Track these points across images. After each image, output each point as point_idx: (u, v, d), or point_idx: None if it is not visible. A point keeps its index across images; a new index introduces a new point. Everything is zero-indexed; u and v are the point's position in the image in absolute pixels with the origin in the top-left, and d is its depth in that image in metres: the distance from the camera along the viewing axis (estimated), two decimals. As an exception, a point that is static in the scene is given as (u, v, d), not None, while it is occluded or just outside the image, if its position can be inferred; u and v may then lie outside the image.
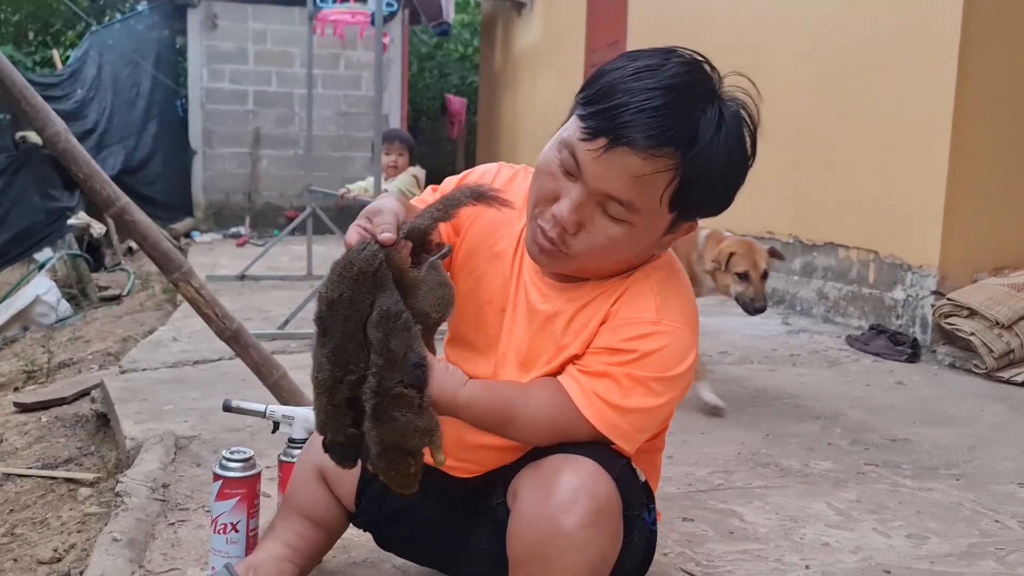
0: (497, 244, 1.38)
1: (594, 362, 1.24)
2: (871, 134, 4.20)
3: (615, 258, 1.26)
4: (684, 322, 1.27)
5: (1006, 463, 2.37)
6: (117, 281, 6.45)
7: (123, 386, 2.89)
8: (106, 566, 1.50)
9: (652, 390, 1.24)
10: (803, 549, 1.77)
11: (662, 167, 1.16)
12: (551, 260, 1.27)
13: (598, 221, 1.21)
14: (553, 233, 1.23)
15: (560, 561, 1.19)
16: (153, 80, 9.55)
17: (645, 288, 1.28)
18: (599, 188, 1.18)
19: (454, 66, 13.66)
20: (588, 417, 1.22)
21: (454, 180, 1.46)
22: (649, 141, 1.14)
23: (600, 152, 1.16)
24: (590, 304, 1.29)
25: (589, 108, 1.19)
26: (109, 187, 2.23)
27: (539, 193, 1.25)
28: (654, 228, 1.24)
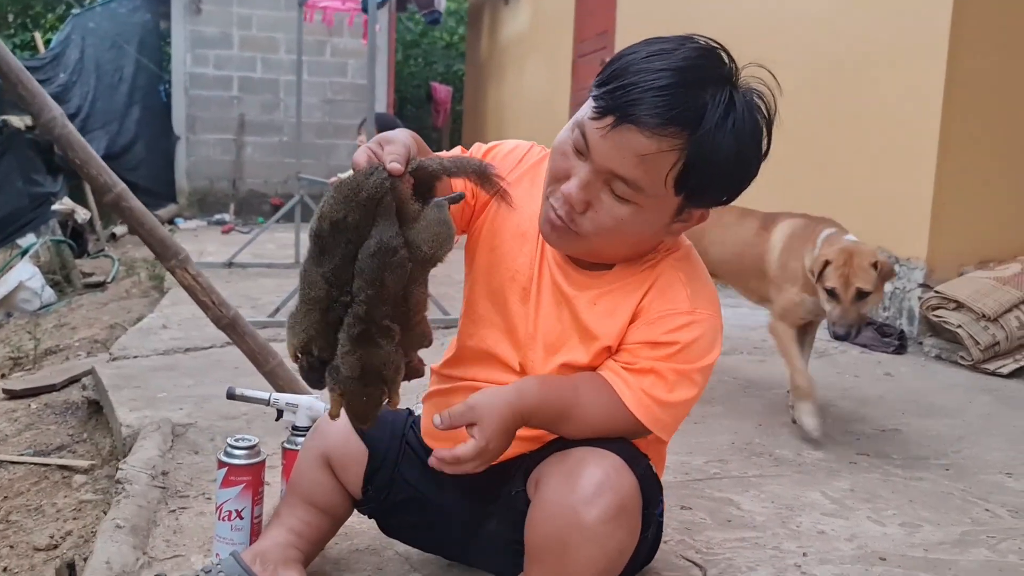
0: (524, 223, 1.37)
1: (638, 358, 1.26)
2: (861, 129, 4.23)
3: (623, 240, 1.27)
4: (715, 310, 1.31)
5: (994, 453, 2.41)
6: (101, 267, 6.39)
7: (115, 373, 2.87)
8: (111, 552, 1.50)
9: (694, 381, 1.27)
10: (800, 537, 1.79)
11: (667, 147, 1.16)
12: (561, 239, 1.28)
13: (605, 201, 1.22)
14: (562, 211, 1.24)
15: (579, 552, 1.20)
16: (136, 64, 9.45)
17: (674, 279, 1.30)
18: (605, 166, 1.20)
19: (440, 54, 13.62)
20: (638, 416, 1.24)
21: (483, 148, 1.44)
22: (654, 119, 1.15)
23: (607, 130, 1.18)
24: (615, 291, 1.30)
25: (601, 88, 1.20)
26: (106, 173, 2.21)
27: (552, 172, 1.27)
28: (661, 211, 1.24)
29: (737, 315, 4.40)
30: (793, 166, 4.75)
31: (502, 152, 1.43)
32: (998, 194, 3.82)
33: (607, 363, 1.29)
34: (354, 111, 9.87)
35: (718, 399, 2.84)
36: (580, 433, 1.26)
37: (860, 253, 2.36)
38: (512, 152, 1.43)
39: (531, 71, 8.94)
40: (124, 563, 1.50)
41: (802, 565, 1.65)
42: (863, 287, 2.33)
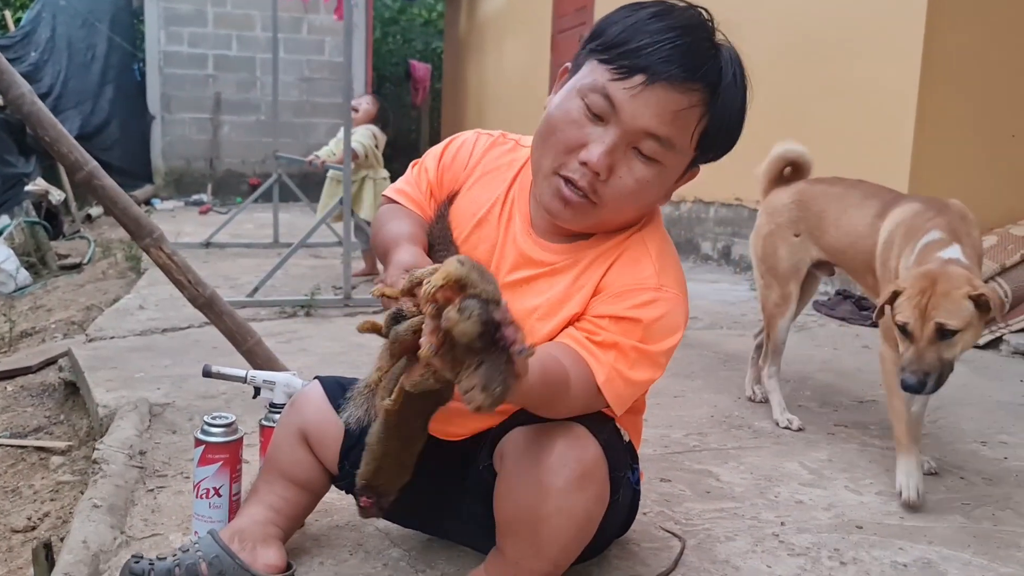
0: (480, 210, 1.38)
1: (601, 331, 1.24)
2: (839, 104, 4.24)
3: (639, 205, 1.28)
4: (680, 288, 1.29)
5: (969, 423, 2.44)
6: (77, 249, 6.32)
7: (91, 354, 2.85)
8: (88, 532, 1.49)
9: (655, 362, 1.26)
10: (778, 507, 1.81)
11: (697, 101, 1.20)
12: (576, 214, 1.26)
13: (629, 164, 1.22)
14: (584, 182, 1.23)
15: (548, 522, 1.21)
16: (109, 43, 9.30)
17: (642, 253, 1.29)
18: (638, 126, 1.19)
19: (418, 31, 13.50)
20: (603, 387, 1.22)
21: (435, 152, 1.47)
22: (686, 74, 1.18)
23: (639, 88, 1.18)
24: (592, 265, 1.30)
25: (615, 51, 1.20)
26: (76, 151, 2.18)
27: (560, 144, 1.24)
28: (677, 170, 1.27)
29: (717, 290, 4.43)
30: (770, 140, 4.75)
31: (451, 154, 1.45)
32: (975, 168, 3.85)
33: (569, 332, 1.26)
34: (331, 89, 9.80)
35: (698, 373, 2.85)
36: (559, 414, 1.22)
37: (949, 278, 1.77)
38: (461, 150, 1.45)
39: (510, 48, 8.88)
40: (101, 542, 1.49)
41: (780, 534, 1.67)
42: (947, 323, 1.73)
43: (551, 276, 1.31)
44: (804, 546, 1.62)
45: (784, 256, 2.44)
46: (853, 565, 1.56)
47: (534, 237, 1.34)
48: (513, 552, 1.25)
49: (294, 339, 3.21)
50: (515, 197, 1.38)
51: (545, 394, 1.16)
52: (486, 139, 1.45)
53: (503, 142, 1.46)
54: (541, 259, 1.33)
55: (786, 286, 2.44)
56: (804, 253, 2.41)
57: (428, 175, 1.45)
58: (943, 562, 1.58)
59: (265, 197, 6.18)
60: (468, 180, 1.42)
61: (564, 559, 1.26)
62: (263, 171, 9.19)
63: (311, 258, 5.28)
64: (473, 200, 1.40)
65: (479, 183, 1.41)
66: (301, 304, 3.75)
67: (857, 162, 4.12)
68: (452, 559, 1.50)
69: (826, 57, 4.32)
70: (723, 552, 1.58)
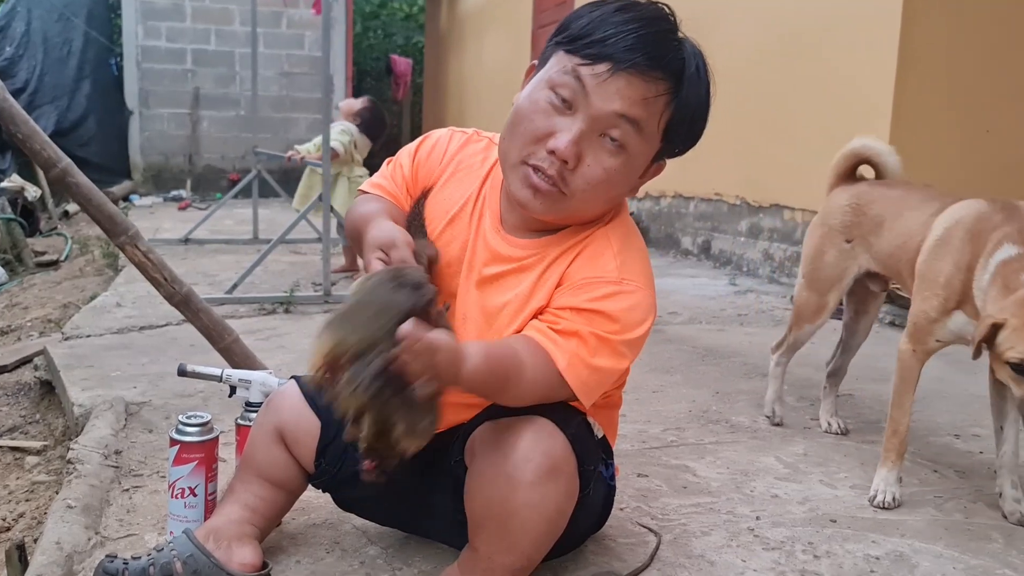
0: (452, 208, 1.39)
1: (561, 321, 1.25)
2: (816, 99, 4.27)
3: (605, 195, 1.28)
4: (645, 282, 1.29)
5: (944, 416, 2.46)
6: (54, 246, 6.26)
7: (67, 353, 2.83)
8: (62, 533, 1.48)
9: (618, 351, 1.26)
10: (754, 501, 1.82)
11: (663, 90, 1.23)
12: (546, 203, 1.27)
13: (597, 152, 1.24)
14: (553, 170, 1.24)
15: (517, 516, 1.22)
16: (85, 37, 9.21)
17: (605, 247, 1.30)
18: (609, 109, 1.21)
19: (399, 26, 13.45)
20: (568, 378, 1.23)
21: (409, 149, 1.48)
22: (651, 63, 1.21)
23: (606, 75, 1.20)
24: (557, 260, 1.31)
25: (581, 41, 1.22)
26: (50, 148, 2.15)
27: (528, 134, 1.25)
28: (643, 160, 1.28)
29: (696, 285, 4.45)
30: (747, 136, 4.78)
31: (425, 154, 1.46)
32: (950, 163, 3.88)
33: (531, 324, 1.27)
34: (311, 84, 9.75)
35: (676, 368, 2.87)
36: (522, 401, 1.24)
37: None
38: (435, 148, 1.46)
39: (491, 42, 8.87)
40: (75, 543, 1.48)
41: (755, 528, 1.68)
42: None
43: (519, 273, 1.32)
44: (779, 540, 1.64)
45: (831, 262, 2.22)
46: (827, 558, 1.57)
47: (502, 234, 1.35)
48: (485, 547, 1.25)
49: (273, 336, 3.19)
50: (487, 195, 1.39)
51: (494, 383, 1.18)
52: (460, 136, 1.46)
53: (476, 139, 1.46)
54: (509, 255, 1.33)
55: (826, 295, 2.24)
56: (852, 261, 2.18)
57: (403, 171, 1.46)
58: (915, 555, 1.60)
59: (245, 193, 6.15)
60: (441, 177, 1.43)
61: (536, 553, 1.27)
62: (243, 167, 9.13)
63: (291, 254, 5.26)
64: (446, 197, 1.41)
65: (452, 180, 1.41)
66: (280, 301, 3.74)
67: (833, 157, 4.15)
68: (429, 557, 1.50)
69: (803, 53, 4.35)
70: (699, 547, 1.60)
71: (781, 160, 4.55)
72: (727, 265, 4.99)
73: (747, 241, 4.85)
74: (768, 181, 4.68)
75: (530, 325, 1.27)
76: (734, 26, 4.78)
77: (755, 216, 4.78)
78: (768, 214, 4.67)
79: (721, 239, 5.08)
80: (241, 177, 7.12)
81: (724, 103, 4.66)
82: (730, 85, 4.69)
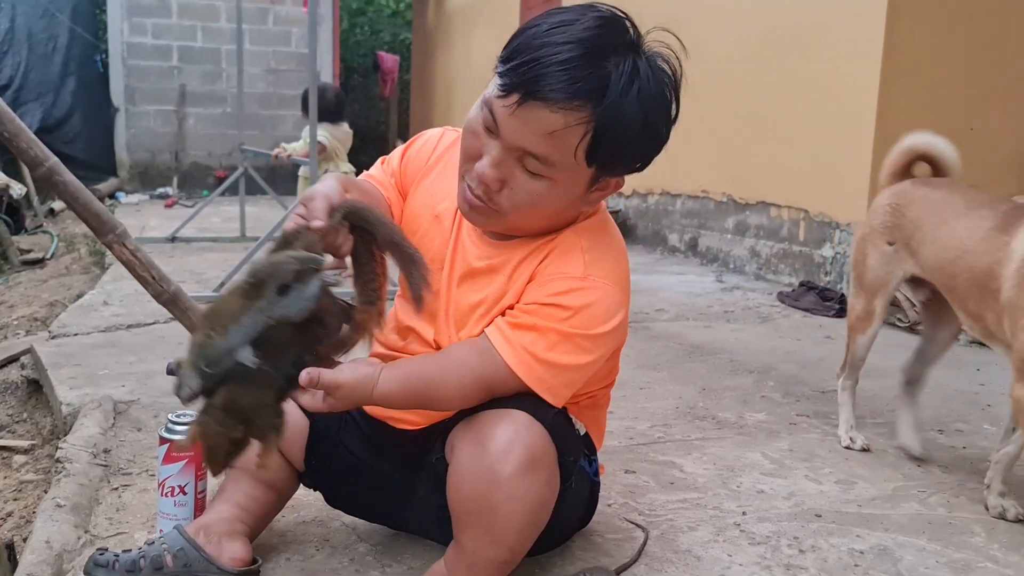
0: (438, 205, 1.40)
1: (521, 315, 1.26)
2: (803, 96, 4.29)
3: (542, 214, 1.28)
4: (613, 280, 1.28)
5: (927, 411, 2.48)
6: (40, 244, 6.22)
7: (55, 351, 2.82)
8: (51, 532, 1.48)
9: (579, 346, 1.25)
10: (740, 497, 1.84)
11: (574, 120, 1.17)
12: (481, 217, 1.29)
13: (519, 177, 1.23)
14: (479, 191, 1.25)
15: (500, 509, 1.23)
16: (70, 34, 9.13)
17: (574, 246, 1.30)
18: (515, 143, 1.20)
19: (386, 22, 13.40)
20: (514, 368, 1.24)
21: (401, 147, 1.51)
22: (559, 95, 1.15)
23: (514, 108, 1.18)
24: (525, 260, 1.31)
25: (505, 65, 1.20)
26: (36, 146, 2.12)
27: (465, 151, 1.27)
28: (575, 183, 1.25)
29: (683, 282, 4.47)
30: (733, 134, 4.80)
31: (415, 150, 1.47)
32: (934, 160, 3.92)
33: (495, 320, 1.29)
34: (298, 81, 9.69)
35: (663, 365, 2.89)
36: (461, 400, 1.27)
37: None
38: (425, 145, 1.47)
39: (478, 39, 8.86)
40: (65, 542, 1.48)
41: (741, 524, 1.70)
42: None
43: (490, 273, 1.33)
44: (764, 535, 1.66)
45: (873, 265, 2.13)
46: (812, 552, 1.59)
47: (479, 233, 1.36)
48: (470, 542, 1.26)
49: (261, 334, 3.19)
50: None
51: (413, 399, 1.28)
52: (451, 135, 1.47)
53: None
54: (481, 255, 1.35)
55: (872, 300, 2.14)
56: (896, 265, 2.08)
57: (393, 166, 1.48)
58: (899, 548, 1.62)
59: (232, 190, 6.12)
60: (431, 172, 1.44)
61: (520, 545, 1.28)
62: (229, 164, 9.09)
63: (279, 252, 5.24)
64: (431, 193, 1.42)
65: (440, 176, 1.42)
66: (268, 299, 3.72)
67: (819, 155, 4.18)
68: (418, 553, 1.51)
69: (789, 51, 4.37)
70: (685, 542, 1.61)
71: (767, 157, 4.57)
72: (714, 262, 5.02)
73: (734, 238, 4.87)
74: (754, 178, 4.71)
75: (494, 323, 1.29)
76: (720, 24, 4.80)
77: (742, 213, 4.81)
78: (754, 211, 4.70)
79: (708, 236, 5.11)
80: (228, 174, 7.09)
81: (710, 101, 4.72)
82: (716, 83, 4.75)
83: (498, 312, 1.30)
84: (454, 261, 1.37)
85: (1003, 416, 2.43)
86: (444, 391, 1.27)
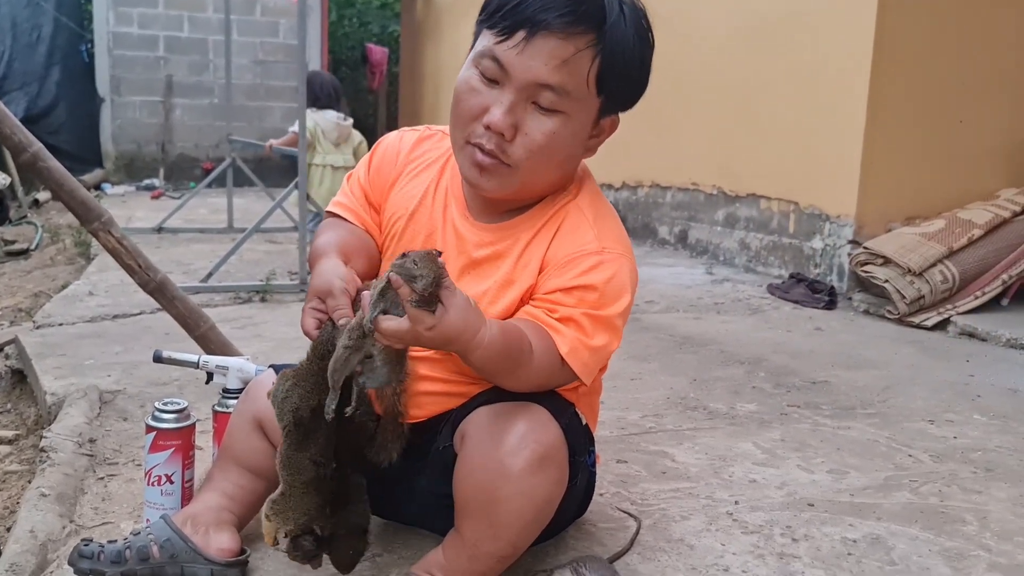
0: (411, 203, 1.40)
1: (556, 307, 1.25)
2: (793, 89, 4.28)
3: (553, 160, 1.27)
4: (623, 248, 1.31)
5: (918, 402, 2.49)
6: (24, 234, 6.15)
7: (39, 341, 2.78)
8: (35, 521, 1.46)
9: (612, 325, 1.27)
10: (732, 486, 1.83)
11: (583, 45, 1.20)
12: (493, 178, 1.27)
13: (533, 118, 1.23)
14: (491, 145, 1.24)
15: (507, 504, 1.21)
16: (55, 23, 9.03)
17: (580, 221, 1.30)
18: (529, 79, 1.20)
19: (374, 14, 13.33)
20: (568, 359, 1.24)
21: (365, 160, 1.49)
22: (564, 20, 1.18)
23: (522, 45, 1.19)
24: (533, 242, 1.31)
25: (498, 14, 1.22)
26: (20, 132, 2.11)
27: (466, 113, 1.26)
28: (585, 117, 1.26)
29: (674, 274, 4.46)
30: (724, 126, 4.80)
31: (378, 160, 1.46)
32: (924, 153, 3.93)
33: (527, 310, 1.28)
34: (286, 72, 9.64)
35: (654, 356, 2.88)
36: (524, 384, 1.24)
37: None
38: (387, 152, 1.46)
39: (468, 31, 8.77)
40: (50, 531, 1.46)
41: (733, 512, 1.69)
42: None
43: (495, 260, 1.32)
44: (757, 524, 1.65)
45: None
46: (804, 541, 1.59)
47: (471, 220, 1.35)
48: (471, 533, 1.25)
49: (249, 325, 3.17)
50: (448, 184, 1.39)
51: (506, 360, 1.19)
52: (411, 135, 1.47)
53: (429, 134, 1.48)
54: (482, 242, 1.33)
55: None
56: None
57: (361, 182, 1.47)
58: (891, 537, 1.62)
59: (219, 182, 6.08)
60: (400, 178, 1.43)
61: (522, 541, 1.27)
62: (217, 155, 9.02)
63: (266, 243, 5.21)
64: (405, 195, 1.41)
65: (410, 179, 1.42)
66: (256, 289, 3.71)
67: (810, 148, 4.18)
68: (409, 543, 1.50)
69: (779, 42, 4.37)
70: (678, 531, 1.60)
71: (758, 150, 4.57)
72: (704, 254, 5.01)
73: (723, 231, 4.87)
74: (745, 171, 4.70)
75: (525, 311, 1.28)
76: (709, 15, 4.78)
77: (732, 206, 4.80)
78: (744, 204, 4.70)
79: (698, 228, 5.10)
80: (215, 166, 7.04)
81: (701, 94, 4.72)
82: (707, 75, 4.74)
83: (515, 298, 1.29)
84: (449, 255, 1.34)
85: (992, 407, 2.45)
86: (525, 368, 1.21)
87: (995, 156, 4.01)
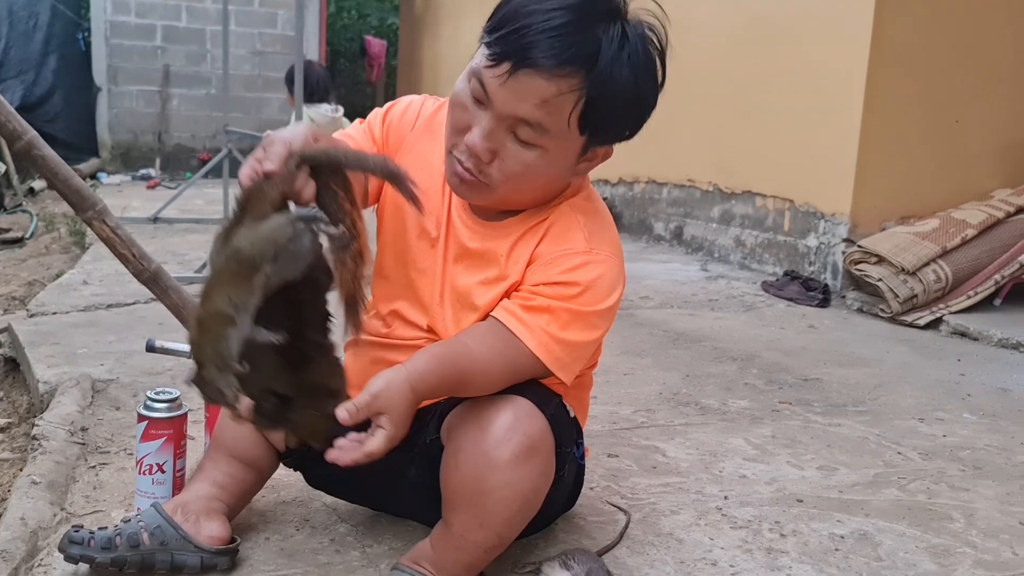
0: (426, 180, 1.37)
1: (534, 297, 1.26)
2: (789, 86, 4.29)
3: (533, 185, 1.27)
4: (614, 251, 1.30)
5: (908, 400, 2.50)
6: (19, 223, 6.14)
7: (32, 330, 2.78)
8: (26, 509, 1.46)
9: (590, 323, 1.26)
10: (722, 481, 1.84)
11: (567, 87, 1.16)
12: (472, 191, 1.27)
13: (510, 147, 1.21)
14: (469, 164, 1.23)
15: (493, 495, 1.22)
16: (52, 11, 9.00)
17: (572, 222, 1.30)
18: (508, 112, 1.19)
19: (373, 7, 13.31)
20: (536, 351, 1.24)
21: (379, 112, 1.46)
22: (551, 61, 1.15)
23: (505, 77, 1.17)
24: (521, 241, 1.30)
25: (494, 35, 1.19)
26: (14, 119, 2.10)
27: (453, 125, 1.25)
28: (567, 152, 1.24)
29: (668, 270, 4.47)
30: (720, 123, 4.80)
31: (397, 113, 1.43)
32: (920, 152, 3.93)
33: (503, 303, 1.28)
34: (284, 63, 9.56)
35: (647, 351, 2.89)
36: (487, 389, 1.25)
37: None
38: (408, 110, 1.43)
39: (467, 24, 8.80)
40: (40, 519, 1.46)
41: (723, 508, 1.70)
42: None
43: (484, 255, 1.32)
44: (746, 519, 1.66)
45: None
46: (793, 537, 1.60)
47: (469, 212, 1.35)
48: (458, 525, 1.26)
49: (243, 316, 3.16)
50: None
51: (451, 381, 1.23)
52: (432, 103, 1.44)
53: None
54: (473, 235, 1.33)
55: None
56: None
57: (373, 131, 1.43)
58: (879, 533, 1.63)
59: (215, 172, 6.06)
60: (420, 138, 1.40)
61: (509, 532, 1.27)
62: (214, 146, 9.00)
63: (262, 235, 5.20)
64: (421, 155, 1.37)
65: (433, 140, 1.37)
66: (251, 281, 3.70)
67: (805, 146, 4.19)
68: (399, 534, 1.50)
69: (776, 40, 4.37)
70: (667, 525, 1.61)
71: (754, 147, 4.57)
72: (699, 251, 5.02)
73: (719, 227, 4.88)
74: (741, 168, 4.71)
75: (501, 305, 1.28)
76: (706, 13, 4.78)
77: (727, 203, 4.81)
78: (740, 201, 4.70)
79: (693, 225, 5.11)
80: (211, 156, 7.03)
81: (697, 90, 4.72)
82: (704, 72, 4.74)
83: (502, 292, 1.29)
84: (448, 238, 1.35)
85: (982, 406, 2.46)
86: (476, 377, 1.23)
87: (990, 156, 4.02)
